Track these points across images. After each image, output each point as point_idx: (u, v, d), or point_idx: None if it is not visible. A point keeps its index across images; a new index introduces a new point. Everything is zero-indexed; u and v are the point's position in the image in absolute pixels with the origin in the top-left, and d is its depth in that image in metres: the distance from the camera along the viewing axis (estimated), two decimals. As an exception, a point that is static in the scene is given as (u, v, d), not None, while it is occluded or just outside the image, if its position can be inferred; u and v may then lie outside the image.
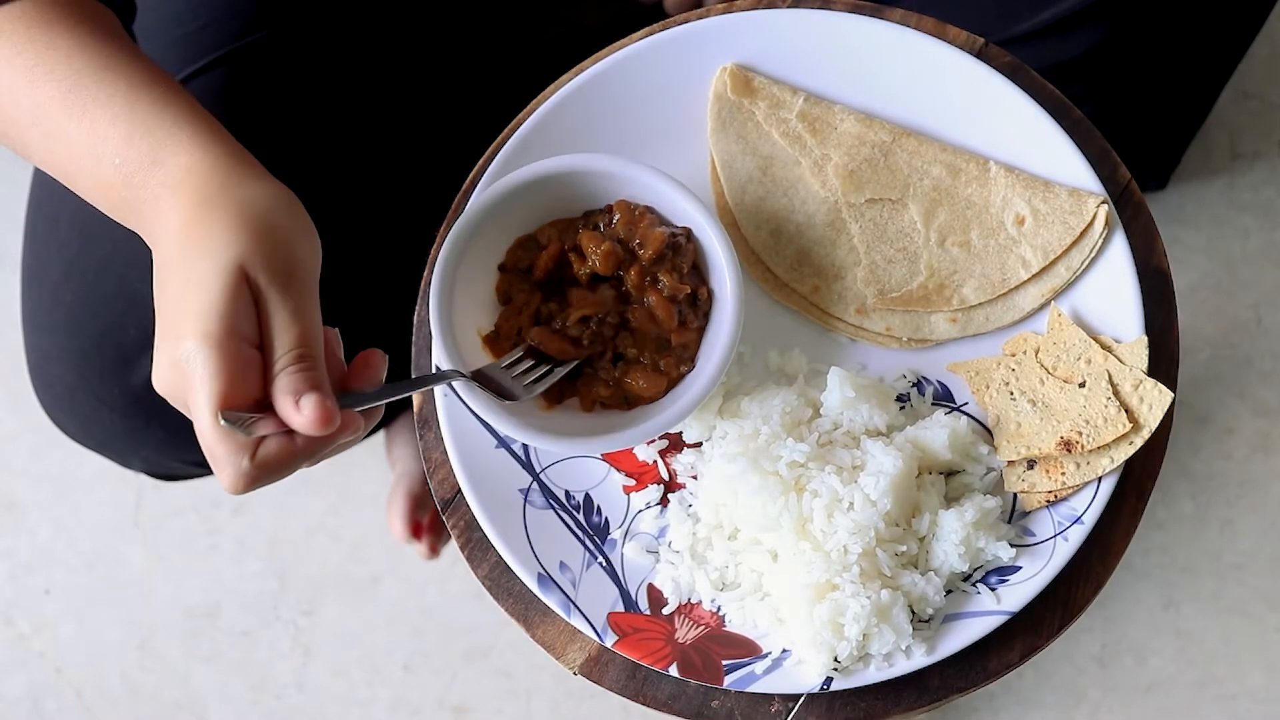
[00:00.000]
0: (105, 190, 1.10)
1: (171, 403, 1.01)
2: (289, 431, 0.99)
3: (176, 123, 1.09)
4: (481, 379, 1.13)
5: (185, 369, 0.97)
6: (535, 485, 1.20)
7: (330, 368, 1.05)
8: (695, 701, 1.17)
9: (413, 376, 1.23)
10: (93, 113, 1.09)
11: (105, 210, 1.12)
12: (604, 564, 1.18)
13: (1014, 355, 1.20)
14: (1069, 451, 1.15)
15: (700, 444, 1.21)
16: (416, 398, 1.23)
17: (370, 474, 2.07)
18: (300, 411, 0.97)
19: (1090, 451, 1.15)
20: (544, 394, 1.19)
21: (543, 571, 1.17)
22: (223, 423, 0.96)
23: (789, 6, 1.28)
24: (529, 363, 1.16)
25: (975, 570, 1.16)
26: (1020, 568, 1.15)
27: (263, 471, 0.99)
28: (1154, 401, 1.15)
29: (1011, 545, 1.15)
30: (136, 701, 2.01)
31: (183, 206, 1.04)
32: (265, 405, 0.99)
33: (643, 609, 1.18)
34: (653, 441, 1.20)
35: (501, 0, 1.57)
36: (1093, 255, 1.20)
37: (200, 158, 1.07)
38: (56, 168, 1.13)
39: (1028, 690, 1.93)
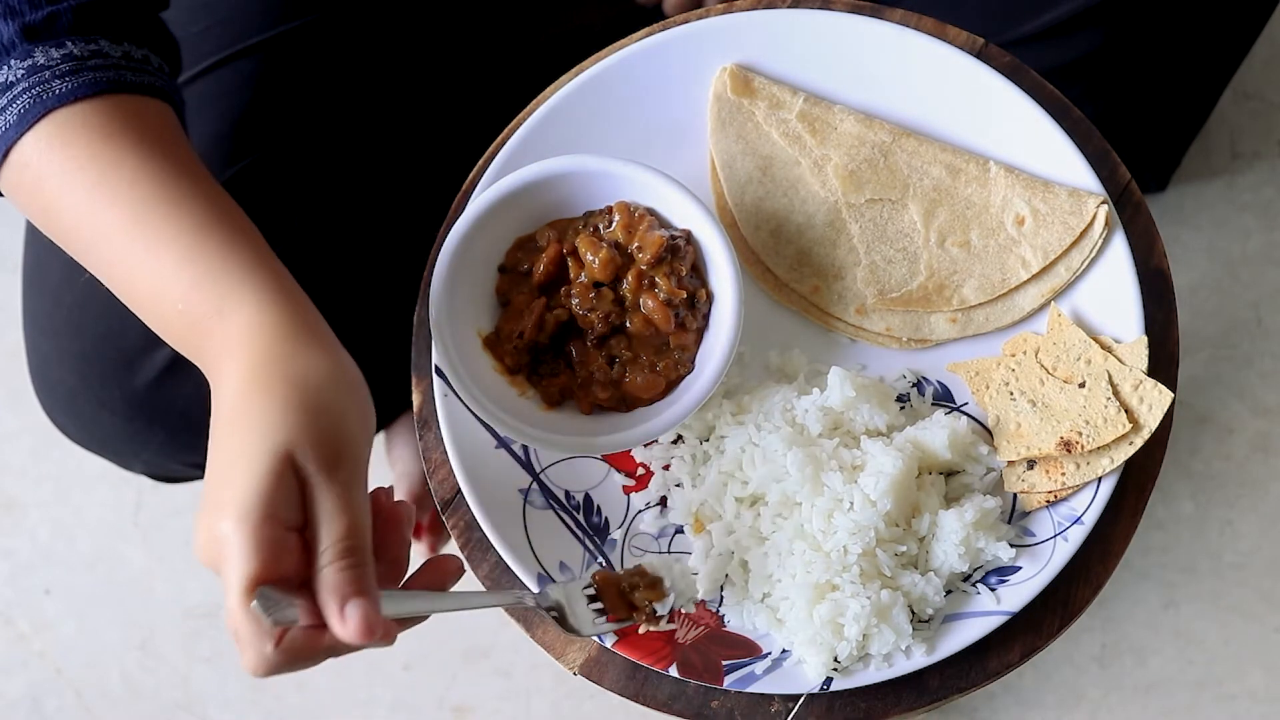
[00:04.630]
0: (167, 328, 1.09)
1: (211, 570, 1.00)
2: (319, 624, 0.97)
3: (241, 273, 1.06)
4: (552, 605, 1.11)
5: (221, 546, 0.96)
6: (535, 485, 1.20)
7: (392, 545, 1.04)
8: (695, 702, 1.17)
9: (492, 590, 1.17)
10: (157, 251, 1.07)
11: (169, 342, 1.10)
12: (604, 564, 1.18)
13: (1014, 355, 1.20)
14: (1069, 452, 1.15)
15: (700, 444, 1.21)
16: (416, 397, 1.23)
17: (370, 474, 2.06)
18: (344, 619, 0.95)
19: (1090, 452, 1.15)
20: (544, 395, 1.19)
21: (542, 571, 1.17)
22: (253, 606, 0.94)
23: (789, 6, 1.28)
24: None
25: (975, 570, 1.16)
26: (1020, 568, 1.15)
27: (286, 659, 0.98)
28: (1154, 402, 1.15)
29: (1011, 545, 1.15)
30: (136, 701, 2.01)
31: (239, 372, 1.02)
32: (303, 585, 0.97)
33: (643, 609, 1.18)
34: (653, 442, 1.20)
35: (502, 0, 1.57)
36: (1093, 255, 1.20)
37: (261, 318, 1.04)
38: (117, 291, 1.11)
39: (1028, 690, 1.93)
